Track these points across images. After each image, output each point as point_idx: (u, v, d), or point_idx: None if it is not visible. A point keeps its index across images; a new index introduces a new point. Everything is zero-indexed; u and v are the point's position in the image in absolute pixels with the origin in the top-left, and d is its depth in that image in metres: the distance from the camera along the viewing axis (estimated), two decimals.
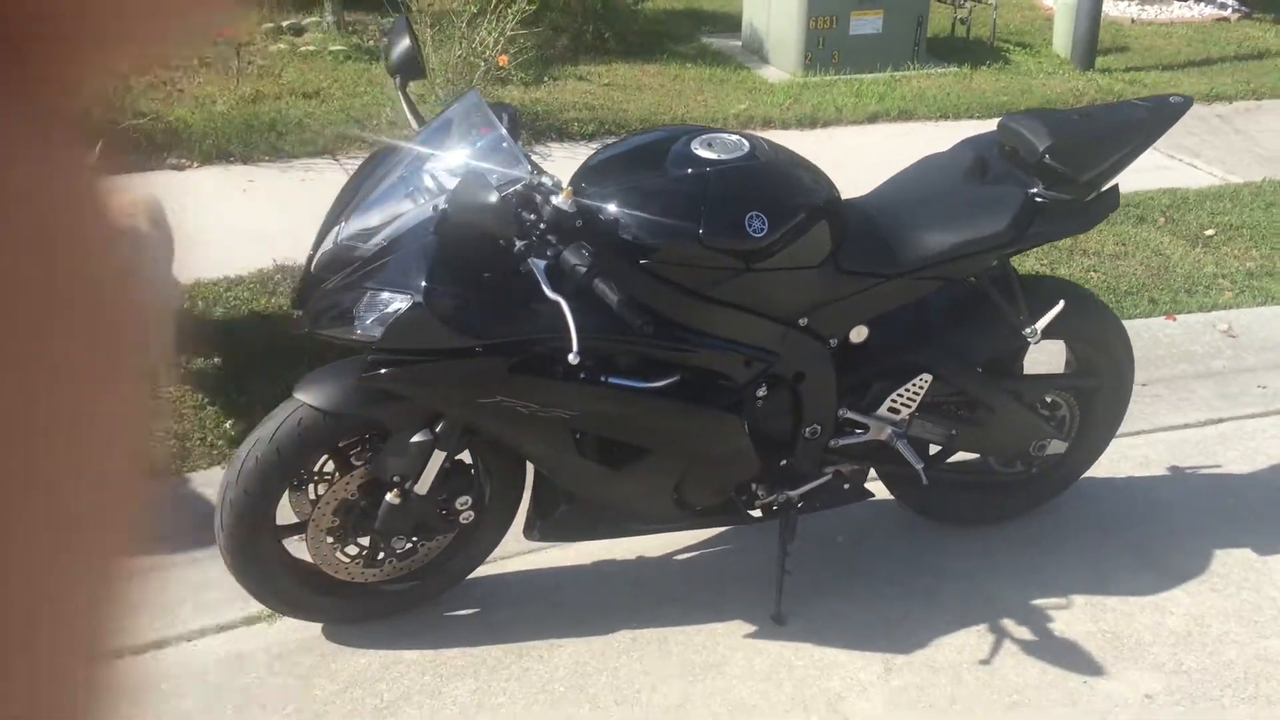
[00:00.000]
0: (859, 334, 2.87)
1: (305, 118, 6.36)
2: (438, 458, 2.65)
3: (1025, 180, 2.83)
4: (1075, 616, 2.98)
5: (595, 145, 6.15)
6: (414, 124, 2.77)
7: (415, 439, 2.62)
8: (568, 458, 2.65)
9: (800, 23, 7.63)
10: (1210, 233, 5.38)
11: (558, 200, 2.41)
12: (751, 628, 2.93)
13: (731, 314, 2.61)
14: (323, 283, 2.56)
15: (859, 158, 6.01)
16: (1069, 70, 7.93)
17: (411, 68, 2.76)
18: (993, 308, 2.92)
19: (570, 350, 2.30)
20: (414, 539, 2.81)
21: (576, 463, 2.66)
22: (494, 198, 2.22)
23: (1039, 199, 2.80)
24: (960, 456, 3.21)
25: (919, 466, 2.89)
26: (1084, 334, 3.03)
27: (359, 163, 2.85)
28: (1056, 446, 3.13)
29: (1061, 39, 8.24)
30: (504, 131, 2.54)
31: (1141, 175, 5.44)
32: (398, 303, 2.40)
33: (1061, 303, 2.89)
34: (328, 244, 2.56)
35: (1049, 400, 3.14)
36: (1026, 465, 3.22)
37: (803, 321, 2.72)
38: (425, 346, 2.43)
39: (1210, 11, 9.50)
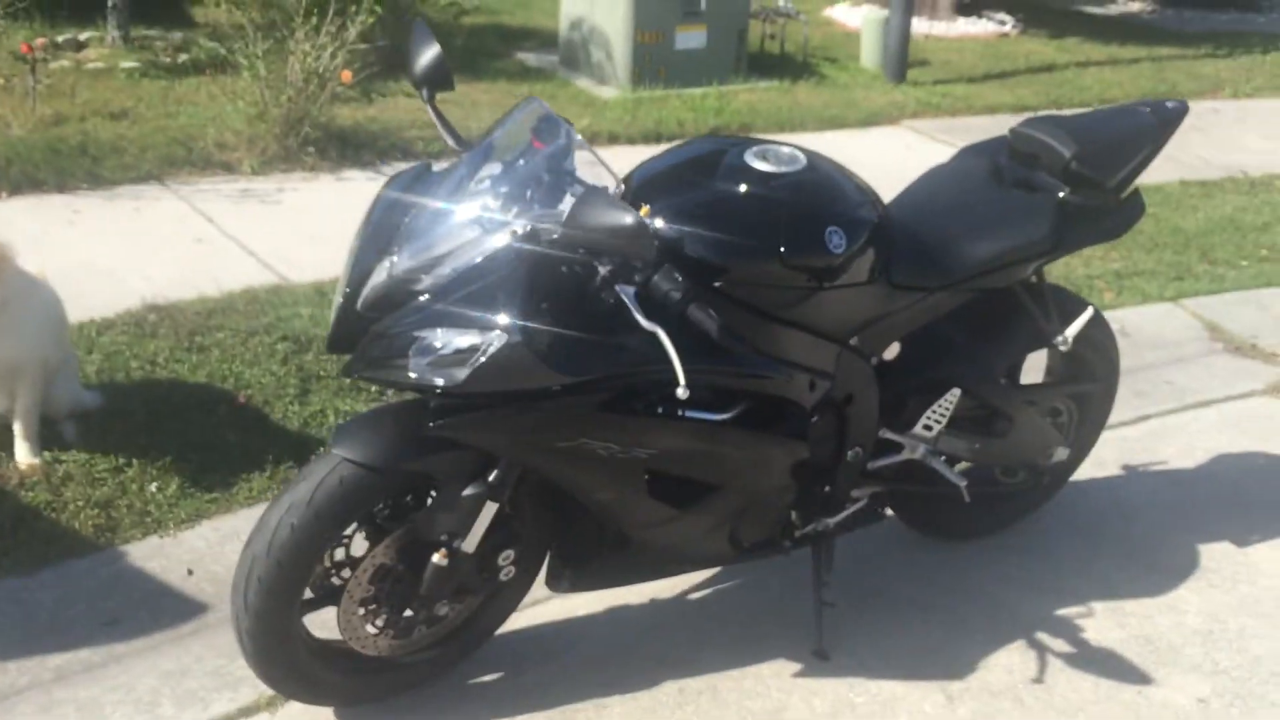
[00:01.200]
0: (891, 351, 2.77)
1: (119, 140, 5.78)
2: (489, 510, 2.36)
3: (1053, 186, 2.79)
4: (1101, 624, 2.97)
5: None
6: (450, 140, 2.48)
7: (468, 492, 2.33)
8: (639, 500, 2.42)
9: (628, 38, 7.53)
10: None
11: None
12: (797, 665, 2.77)
13: (796, 336, 2.45)
14: (374, 322, 2.24)
15: None
16: (883, 83, 8.15)
17: (440, 78, 2.47)
18: (1018, 317, 2.87)
19: (678, 384, 2.08)
20: (452, 602, 2.51)
21: (647, 505, 2.43)
22: (630, 218, 1.98)
23: (1071, 205, 2.77)
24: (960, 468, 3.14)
25: (962, 485, 2.80)
26: (1089, 338, 3.02)
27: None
28: (1061, 453, 3.12)
29: (870, 54, 8.47)
30: (580, 140, 2.30)
31: None
32: (482, 341, 2.11)
33: (1090, 309, 2.87)
34: (379, 278, 2.24)
35: (1054, 407, 3.12)
36: (1032, 474, 3.19)
37: (853, 340, 2.58)
38: (515, 388, 2.15)
39: (992, 28, 10.01)
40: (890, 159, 6.36)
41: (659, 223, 2.28)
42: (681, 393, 2.08)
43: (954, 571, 3.15)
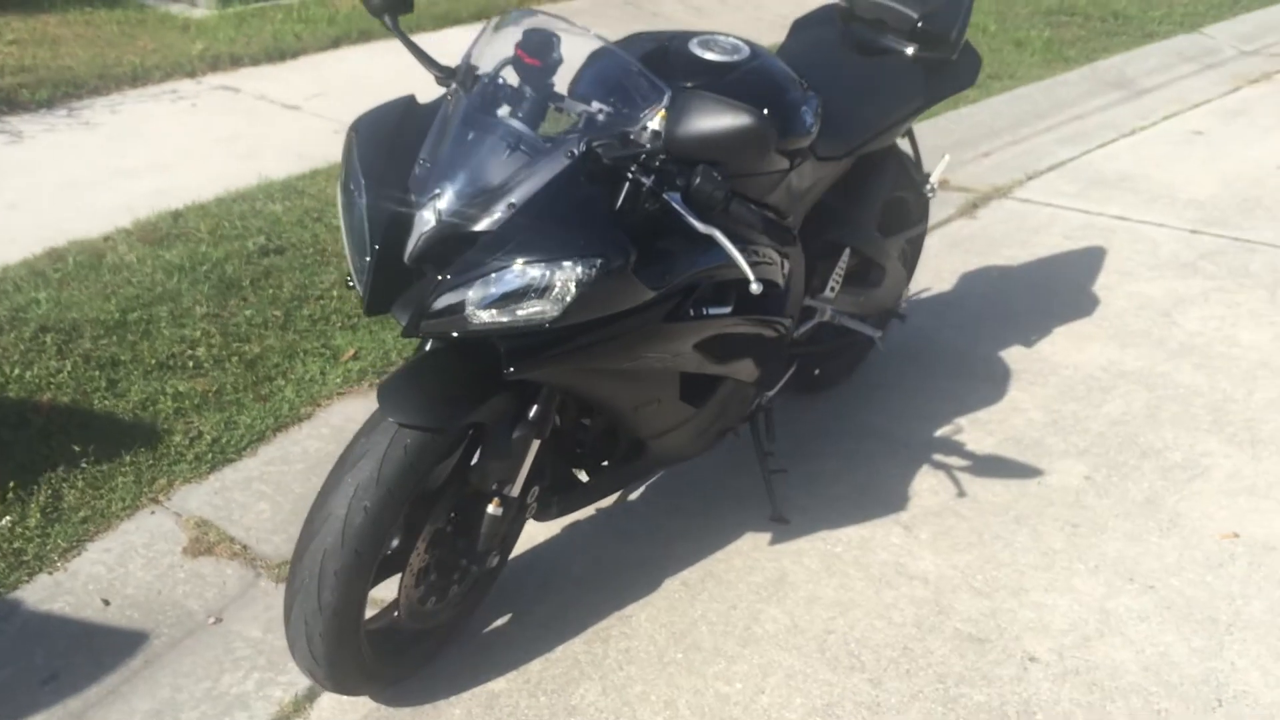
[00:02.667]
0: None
1: None
2: (534, 448, 2.28)
3: (904, 47, 3.00)
4: (973, 435, 3.33)
5: (60, 113, 5.22)
6: (433, 70, 2.27)
7: (516, 434, 2.23)
8: (673, 405, 2.42)
9: None
10: None
11: (655, 124, 2.15)
12: (768, 534, 2.90)
13: (771, 219, 2.51)
14: (420, 274, 2.05)
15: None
16: None
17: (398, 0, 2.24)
18: (888, 172, 3.09)
19: (750, 280, 2.10)
20: (500, 551, 2.41)
21: (677, 409, 2.44)
22: (751, 116, 1.94)
23: (926, 62, 3.00)
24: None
25: (876, 335, 3.02)
26: (917, 183, 3.30)
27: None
28: (907, 294, 3.42)
29: None
30: (613, 47, 2.19)
31: None
32: (572, 269, 2.00)
33: (947, 156, 3.14)
34: (424, 225, 2.04)
35: (901, 251, 3.40)
36: (883, 320, 3.46)
37: (790, 219, 2.69)
38: (606, 313, 2.07)
39: None
40: None
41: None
42: (755, 287, 2.10)
43: (841, 419, 3.38)
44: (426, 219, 2.04)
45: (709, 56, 2.44)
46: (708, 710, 2.38)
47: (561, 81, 2.24)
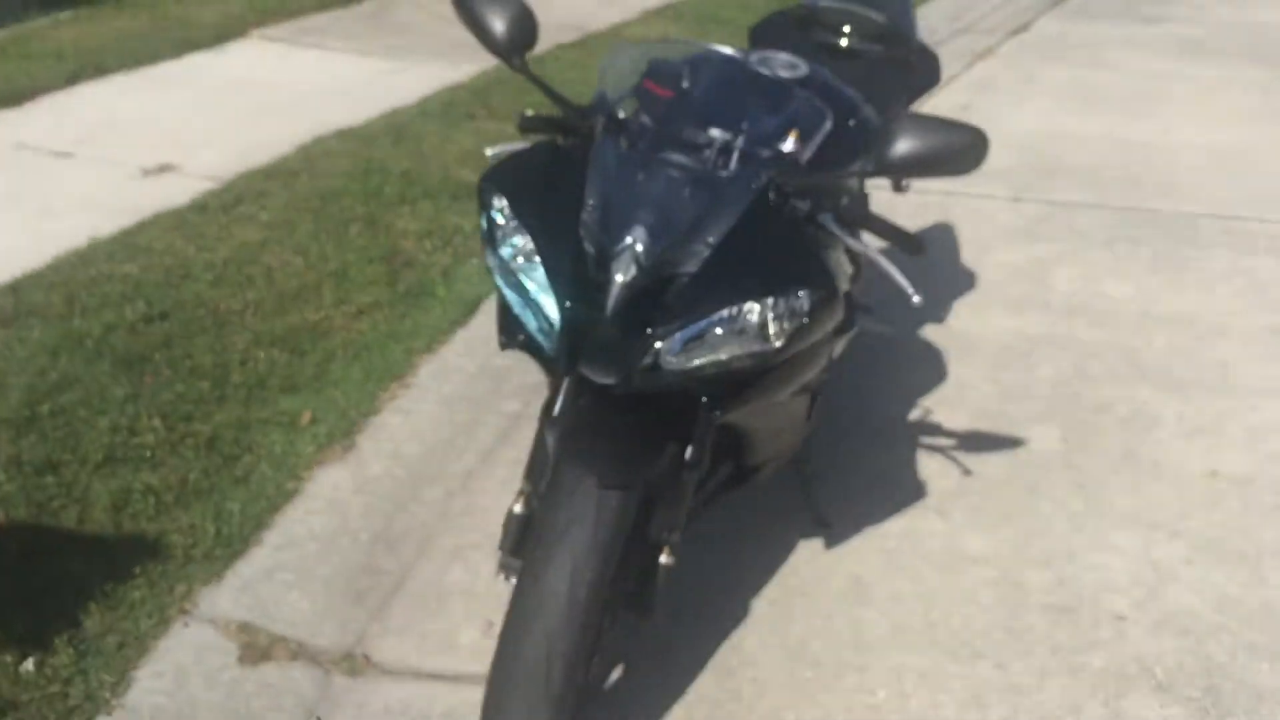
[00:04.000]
0: None
1: None
2: (689, 490, 2.18)
3: (873, 50, 3.07)
4: (949, 412, 3.46)
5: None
6: (564, 108, 2.12)
7: (683, 478, 2.13)
8: (802, 422, 2.39)
9: None
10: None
11: (791, 147, 2.12)
12: (821, 540, 2.89)
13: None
14: (628, 327, 1.91)
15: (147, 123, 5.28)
16: None
17: (527, 33, 2.07)
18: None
19: (911, 294, 2.11)
20: None
21: (802, 425, 2.40)
22: (969, 131, 1.95)
23: (895, 62, 3.08)
24: None
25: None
26: None
27: None
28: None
29: None
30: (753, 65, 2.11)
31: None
32: (785, 305, 1.94)
33: None
34: (623, 274, 1.91)
35: None
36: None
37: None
38: (816, 339, 2.00)
39: None
40: (268, 73, 6.12)
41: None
42: (918, 300, 2.10)
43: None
44: (625, 269, 1.90)
45: (782, 74, 2.40)
46: None
47: (701, 107, 2.14)
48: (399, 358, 3.49)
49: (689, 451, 2.07)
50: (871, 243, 2.28)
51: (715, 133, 2.11)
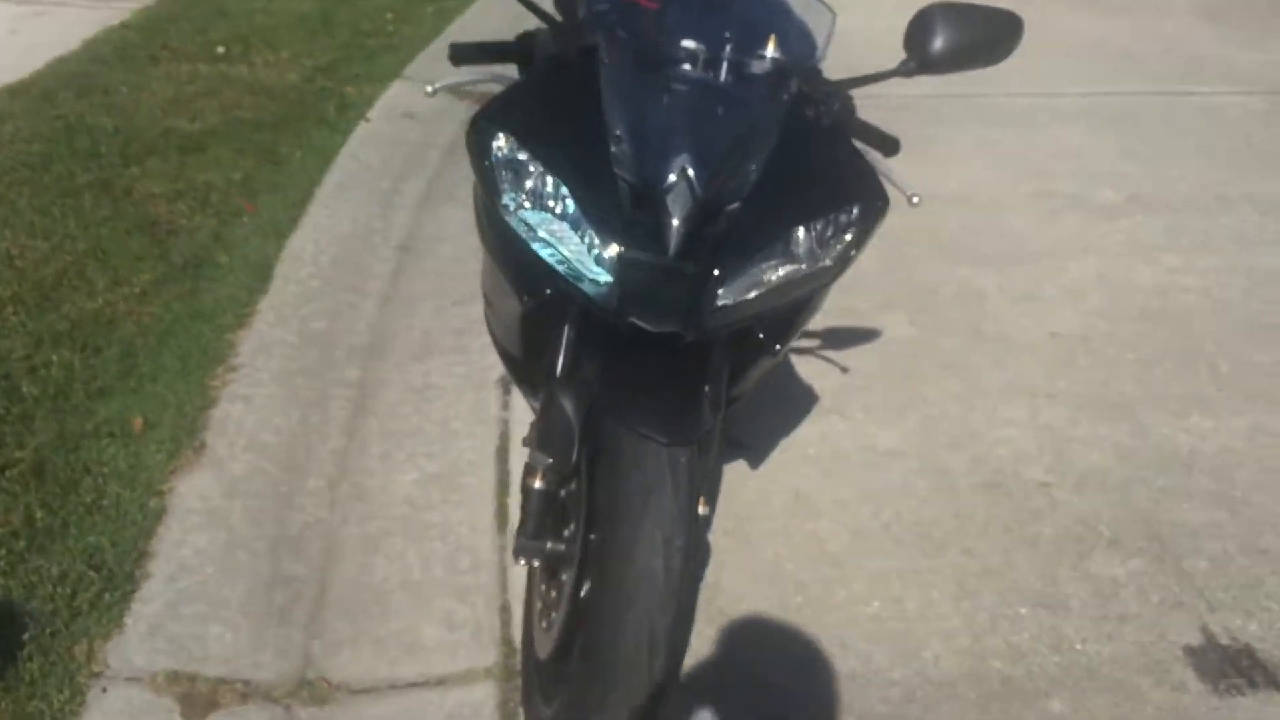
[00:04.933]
0: None
1: None
2: None
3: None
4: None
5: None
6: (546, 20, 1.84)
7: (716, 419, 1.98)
8: None
9: None
10: (221, 50, 5.25)
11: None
12: (742, 465, 2.82)
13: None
14: (691, 268, 1.71)
15: None
16: None
17: None
18: None
19: (911, 197, 2.04)
20: None
21: None
22: (1011, 15, 1.85)
23: None
24: None
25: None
26: None
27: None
28: None
29: None
30: None
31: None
32: (846, 222, 1.81)
33: None
34: (680, 208, 1.68)
35: None
36: None
37: None
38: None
39: None
40: None
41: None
42: (917, 200, 2.04)
43: None
44: (682, 205, 1.69)
45: None
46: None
47: (697, 14, 1.94)
48: (211, 339, 3.04)
49: (736, 388, 1.91)
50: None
51: (723, 41, 1.90)
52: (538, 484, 1.91)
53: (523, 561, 1.94)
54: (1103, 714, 2.15)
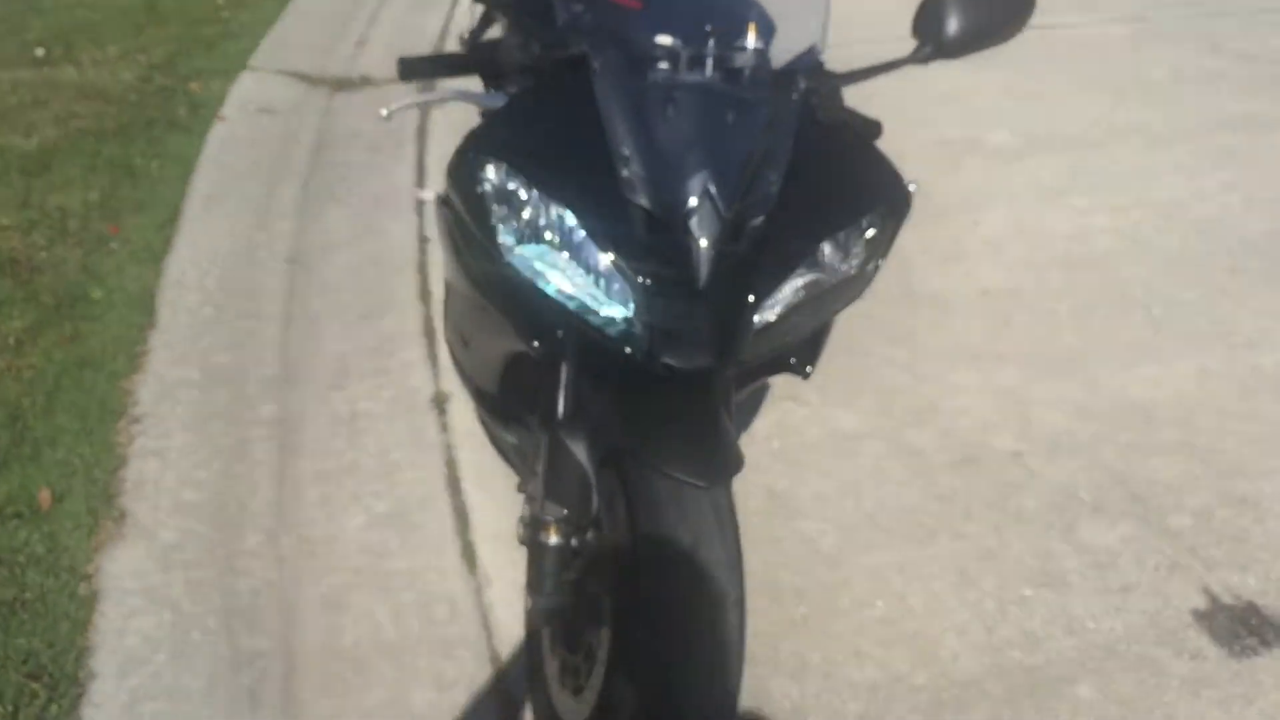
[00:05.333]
0: None
1: None
2: None
3: None
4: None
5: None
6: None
7: None
8: None
9: None
10: (40, 52, 4.81)
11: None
12: None
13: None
14: (724, 297, 1.55)
15: None
16: None
17: None
18: None
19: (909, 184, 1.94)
20: None
21: None
22: None
23: None
24: None
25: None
26: None
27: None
28: None
29: None
30: None
31: None
32: (873, 228, 1.68)
33: None
34: (706, 232, 1.51)
35: None
36: None
37: None
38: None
39: None
40: None
41: None
42: (913, 187, 1.93)
43: None
44: (709, 229, 1.52)
45: None
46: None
47: (682, 12, 1.76)
48: (105, 388, 2.75)
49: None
50: None
51: (720, 40, 1.73)
52: (553, 539, 1.74)
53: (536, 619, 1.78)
54: (1131, 694, 2.10)
